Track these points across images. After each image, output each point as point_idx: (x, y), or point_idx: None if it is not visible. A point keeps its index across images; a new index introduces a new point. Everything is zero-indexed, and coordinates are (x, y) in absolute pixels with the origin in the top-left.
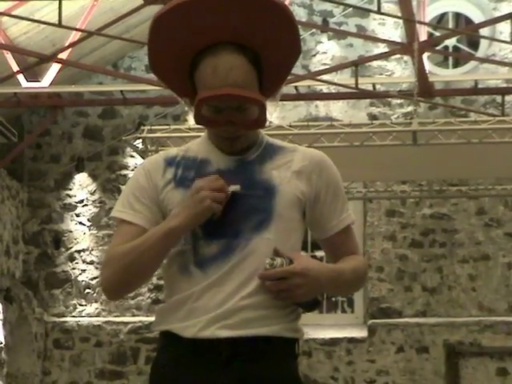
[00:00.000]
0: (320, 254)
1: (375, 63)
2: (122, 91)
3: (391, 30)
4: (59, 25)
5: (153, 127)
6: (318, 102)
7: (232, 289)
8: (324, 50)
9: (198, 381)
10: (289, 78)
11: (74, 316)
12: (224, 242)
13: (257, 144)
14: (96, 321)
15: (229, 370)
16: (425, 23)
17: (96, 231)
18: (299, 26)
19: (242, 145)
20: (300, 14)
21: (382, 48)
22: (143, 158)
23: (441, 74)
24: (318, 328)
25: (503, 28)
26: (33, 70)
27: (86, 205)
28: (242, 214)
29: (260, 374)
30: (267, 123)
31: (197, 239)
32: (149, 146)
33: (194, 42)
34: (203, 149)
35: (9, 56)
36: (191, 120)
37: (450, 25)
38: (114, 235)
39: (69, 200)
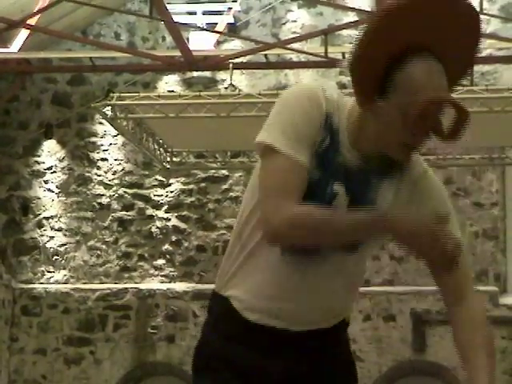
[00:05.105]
0: None
1: (345, 32)
2: (91, 58)
3: None
4: None
5: (122, 94)
6: (287, 71)
7: (325, 301)
8: (294, 19)
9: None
10: (258, 46)
11: (41, 283)
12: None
13: None
14: (64, 288)
15: (301, 356)
16: None
17: (64, 198)
18: None
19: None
20: None
21: (351, 17)
22: (112, 125)
23: None
24: None
25: None
26: (1, 35)
27: (54, 172)
28: None
29: (330, 351)
30: (236, 91)
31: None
32: (118, 113)
33: (407, 41)
34: (341, 124)
35: None
36: (161, 87)
37: None
38: (276, 167)
39: (37, 167)
